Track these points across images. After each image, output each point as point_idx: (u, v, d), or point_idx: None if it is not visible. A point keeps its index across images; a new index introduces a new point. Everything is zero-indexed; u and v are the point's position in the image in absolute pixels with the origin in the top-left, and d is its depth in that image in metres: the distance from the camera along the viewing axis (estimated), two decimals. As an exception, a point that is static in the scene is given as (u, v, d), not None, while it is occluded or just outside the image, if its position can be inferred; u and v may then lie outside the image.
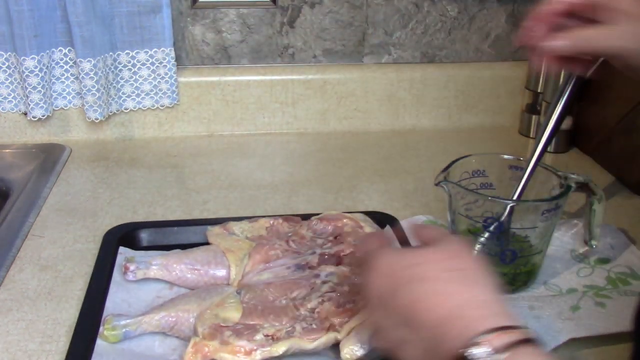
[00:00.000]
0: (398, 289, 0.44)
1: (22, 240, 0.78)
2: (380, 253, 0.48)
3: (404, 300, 0.43)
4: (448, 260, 0.45)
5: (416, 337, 0.42)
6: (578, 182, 0.66)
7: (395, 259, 0.47)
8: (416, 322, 0.42)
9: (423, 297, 0.43)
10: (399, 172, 1.00)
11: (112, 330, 0.59)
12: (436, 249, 0.47)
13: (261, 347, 0.55)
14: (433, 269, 0.44)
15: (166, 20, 1.03)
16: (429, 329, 0.41)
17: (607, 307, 0.66)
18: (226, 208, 0.88)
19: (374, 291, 0.47)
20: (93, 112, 1.02)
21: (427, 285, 0.43)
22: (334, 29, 1.12)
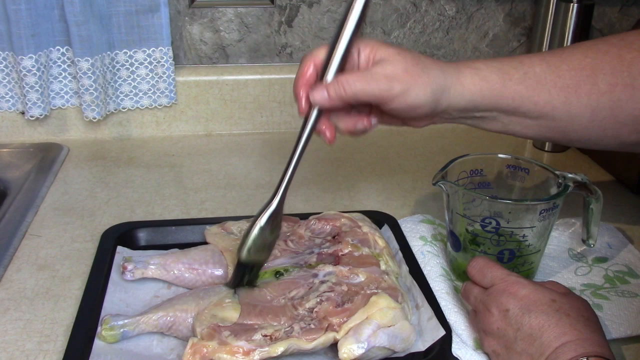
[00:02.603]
0: (534, 311, 0.54)
1: (19, 240, 0.78)
2: (522, 282, 0.57)
3: (537, 320, 0.53)
4: (578, 301, 0.56)
5: (531, 351, 0.53)
6: (576, 181, 0.66)
7: (536, 288, 0.56)
8: (539, 340, 0.52)
9: (554, 324, 0.53)
10: (397, 172, 1.00)
11: (110, 330, 0.59)
12: (569, 293, 0.57)
13: (260, 347, 0.55)
14: (568, 305, 0.54)
15: (164, 20, 1.03)
16: (548, 348, 0.51)
17: (604, 309, 0.66)
18: (224, 207, 0.88)
19: (509, 309, 0.55)
20: (91, 112, 1.02)
21: (558, 316, 0.53)
22: (332, 28, 1.12)
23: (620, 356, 0.62)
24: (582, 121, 0.61)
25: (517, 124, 0.63)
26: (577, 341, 0.51)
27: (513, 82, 0.60)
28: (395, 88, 0.58)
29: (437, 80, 0.59)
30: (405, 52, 0.60)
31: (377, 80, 0.58)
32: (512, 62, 0.61)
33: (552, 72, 0.60)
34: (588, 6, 1.01)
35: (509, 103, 0.61)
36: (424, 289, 0.66)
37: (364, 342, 0.57)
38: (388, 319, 0.58)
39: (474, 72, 0.60)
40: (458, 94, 0.60)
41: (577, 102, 0.60)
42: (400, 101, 0.59)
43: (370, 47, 0.60)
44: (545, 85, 0.60)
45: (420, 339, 0.61)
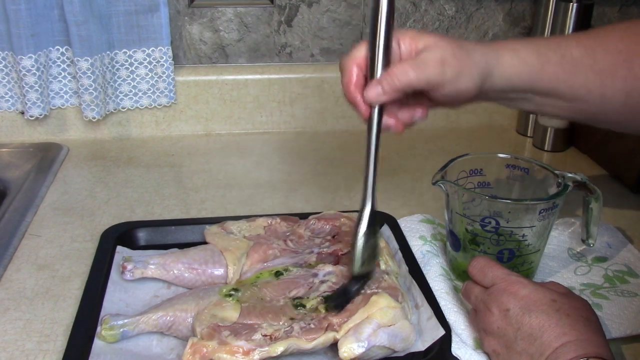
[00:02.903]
0: (534, 310, 0.54)
1: (19, 240, 0.78)
2: (523, 282, 0.57)
3: (537, 320, 0.53)
4: (578, 301, 0.56)
5: (531, 351, 0.53)
6: (575, 181, 0.66)
7: (536, 288, 0.56)
8: (539, 340, 0.52)
9: (555, 324, 0.53)
10: (397, 171, 1.00)
11: (109, 330, 0.59)
12: (569, 293, 0.58)
13: (259, 347, 0.55)
14: (568, 305, 0.54)
15: (163, 19, 1.03)
16: (548, 348, 0.52)
17: (604, 309, 0.66)
18: (224, 207, 0.88)
19: (510, 309, 0.55)
20: (90, 111, 1.02)
21: (558, 316, 0.53)
22: (332, 27, 1.12)
23: (620, 356, 0.62)
24: (615, 105, 0.61)
25: (550, 105, 0.63)
26: (577, 341, 0.51)
27: (550, 64, 0.60)
28: (448, 72, 0.57)
29: (481, 63, 0.59)
30: (445, 38, 0.59)
31: (429, 66, 0.57)
32: (550, 44, 0.61)
33: (588, 56, 0.60)
34: (587, 6, 1.01)
35: (546, 85, 0.61)
36: (423, 288, 0.66)
37: (364, 341, 0.57)
38: (388, 318, 0.58)
39: (513, 53, 0.60)
40: (499, 75, 0.60)
41: (612, 86, 0.60)
42: (452, 86, 0.58)
43: (410, 37, 0.59)
44: (581, 69, 0.60)
45: (420, 339, 0.61)
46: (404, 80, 0.57)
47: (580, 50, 0.61)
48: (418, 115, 0.63)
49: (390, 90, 0.58)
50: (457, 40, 0.60)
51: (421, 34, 0.59)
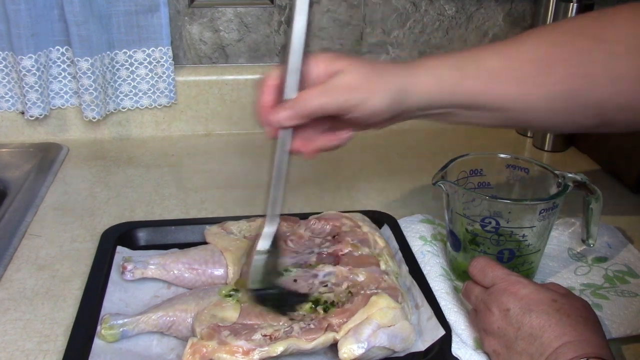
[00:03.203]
0: (534, 310, 0.54)
1: (19, 240, 0.78)
2: (523, 282, 0.57)
3: (538, 320, 0.53)
4: (578, 302, 0.56)
5: (531, 351, 0.53)
6: (575, 181, 0.66)
7: (537, 288, 0.56)
8: (539, 340, 0.53)
9: (555, 324, 0.53)
10: (397, 172, 1.00)
11: (109, 329, 0.59)
12: (569, 294, 0.58)
13: (259, 347, 0.55)
14: (568, 305, 0.54)
15: (163, 19, 1.03)
16: (548, 348, 0.52)
17: (604, 309, 0.66)
18: (224, 207, 0.88)
19: (510, 309, 0.55)
20: (90, 111, 1.02)
21: (558, 316, 0.53)
22: (332, 27, 1.12)
23: (620, 356, 0.62)
24: (539, 111, 0.61)
25: (475, 117, 0.64)
26: (577, 342, 0.51)
27: (468, 77, 0.61)
28: (356, 97, 0.58)
29: (394, 84, 0.59)
30: (359, 61, 0.60)
31: (337, 92, 0.58)
32: (467, 58, 0.62)
33: (506, 65, 0.61)
34: (587, 6, 1.01)
35: (465, 98, 0.61)
36: (423, 288, 0.66)
37: (364, 341, 0.57)
38: (388, 318, 0.58)
39: (429, 71, 0.61)
40: (415, 95, 0.60)
41: (532, 93, 0.60)
42: (362, 110, 0.59)
43: (325, 60, 0.60)
44: (500, 79, 0.60)
45: (420, 339, 0.61)
46: (311, 105, 0.58)
47: (498, 60, 0.61)
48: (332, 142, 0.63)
49: (297, 115, 0.58)
50: (372, 63, 0.60)
51: (336, 58, 0.60)
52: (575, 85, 0.60)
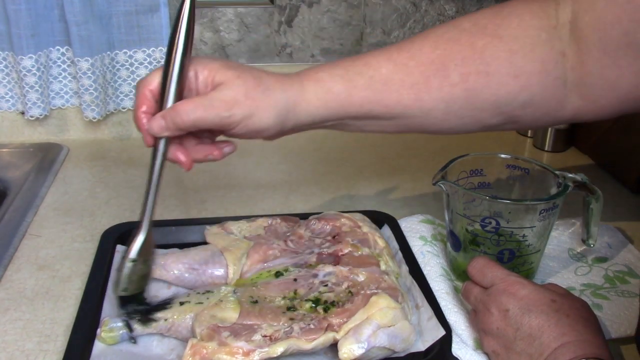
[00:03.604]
0: (533, 311, 0.54)
1: (19, 240, 0.78)
2: (522, 282, 0.57)
3: (537, 320, 0.53)
4: (577, 302, 0.56)
5: (530, 351, 0.53)
6: (576, 181, 0.66)
7: (536, 289, 0.56)
8: (538, 340, 0.52)
9: (554, 324, 0.53)
10: (397, 172, 1.00)
11: (109, 332, 0.59)
12: (568, 294, 0.57)
13: (259, 347, 0.55)
14: (567, 305, 0.54)
15: (164, 20, 1.03)
16: (547, 348, 0.52)
17: (604, 309, 0.66)
18: (224, 207, 0.88)
19: (509, 309, 0.55)
20: (91, 112, 1.02)
21: (557, 316, 0.53)
22: (332, 28, 1.12)
23: (620, 356, 0.62)
24: (438, 114, 0.61)
25: (372, 126, 0.63)
26: (576, 342, 0.51)
27: (358, 89, 0.59)
28: (237, 114, 0.56)
29: (280, 101, 0.57)
30: (245, 74, 0.57)
31: (216, 107, 0.55)
32: (357, 66, 0.60)
33: (399, 71, 0.59)
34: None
35: (358, 110, 0.60)
36: (423, 289, 0.66)
37: (364, 342, 0.57)
38: (388, 319, 0.58)
39: (317, 85, 0.59)
40: (303, 110, 0.59)
41: (428, 97, 0.59)
42: (243, 127, 0.57)
43: (209, 69, 0.57)
44: (393, 86, 0.59)
45: (420, 339, 0.61)
46: (187, 119, 0.55)
47: (389, 67, 0.59)
48: (212, 155, 0.61)
49: (173, 127, 0.56)
50: (259, 76, 0.58)
51: (220, 67, 0.57)
52: (475, 85, 0.59)
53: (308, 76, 0.59)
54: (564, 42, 0.58)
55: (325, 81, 0.59)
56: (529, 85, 0.59)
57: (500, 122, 0.62)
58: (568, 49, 0.58)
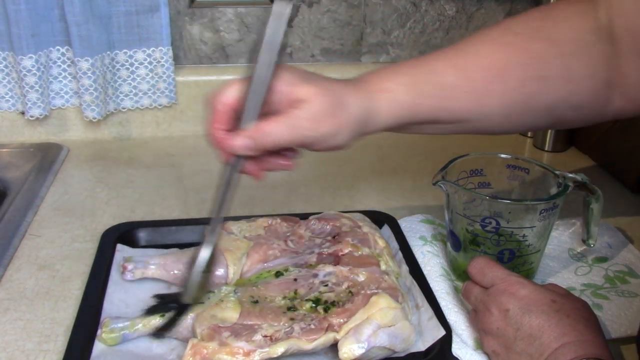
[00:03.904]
0: (534, 311, 0.54)
1: (19, 240, 0.78)
2: (522, 282, 0.57)
3: (537, 320, 0.53)
4: (578, 302, 0.56)
5: (531, 351, 0.53)
6: (576, 181, 0.66)
7: (536, 289, 0.56)
8: (539, 340, 0.52)
9: (554, 325, 0.53)
10: (397, 172, 1.00)
11: (110, 332, 0.59)
12: (569, 294, 0.57)
13: (260, 348, 0.55)
14: (568, 306, 0.54)
15: (164, 20, 1.03)
16: (548, 348, 0.52)
17: (604, 309, 0.66)
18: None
19: (509, 309, 0.55)
20: (91, 112, 1.02)
21: (558, 316, 0.53)
22: (332, 28, 1.12)
23: (620, 356, 0.62)
24: (497, 118, 0.61)
25: (432, 129, 0.63)
26: (576, 342, 0.51)
27: (425, 97, 0.59)
28: (322, 132, 0.55)
29: (358, 117, 0.57)
30: (324, 90, 0.55)
31: (303, 128, 0.54)
32: (422, 74, 0.60)
33: (461, 77, 0.59)
34: (588, 6, 1.00)
35: (425, 117, 0.61)
36: (424, 289, 0.66)
37: (364, 342, 0.57)
38: (388, 319, 0.58)
39: (386, 96, 0.58)
40: (374, 122, 0.59)
41: (489, 102, 0.60)
42: (324, 145, 0.56)
43: (288, 82, 0.54)
44: (457, 93, 0.60)
45: (420, 339, 0.61)
46: (274, 140, 0.54)
47: (453, 74, 0.59)
48: (285, 167, 0.60)
49: (257, 148, 0.54)
50: (336, 90, 0.56)
51: (301, 81, 0.55)
52: (531, 89, 0.59)
53: (374, 85, 0.59)
54: (607, 44, 0.59)
55: (392, 92, 0.59)
56: (580, 89, 0.59)
57: (549, 124, 0.63)
58: (609, 51, 0.59)
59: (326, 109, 0.55)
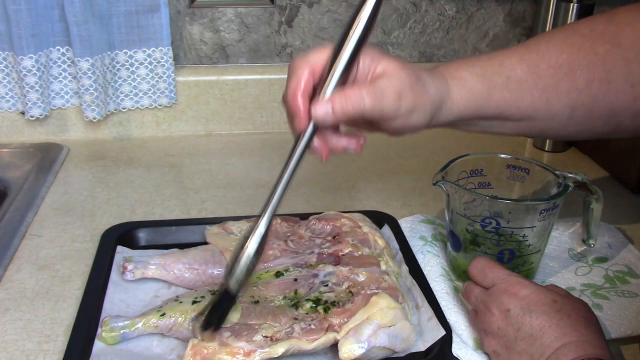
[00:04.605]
0: (535, 311, 0.54)
1: (19, 240, 0.78)
2: (523, 282, 0.57)
3: (538, 320, 0.53)
4: (578, 302, 0.56)
5: (531, 351, 0.53)
6: (576, 181, 0.66)
7: (537, 289, 0.56)
8: (540, 340, 0.53)
9: (555, 325, 0.53)
10: (397, 172, 1.00)
11: (110, 332, 0.59)
12: (569, 295, 0.57)
13: (260, 348, 0.55)
14: (568, 306, 0.55)
15: (164, 20, 1.03)
16: (548, 348, 0.52)
17: (604, 309, 0.67)
18: (224, 207, 0.88)
19: (510, 309, 0.55)
20: (91, 112, 1.02)
21: (559, 316, 0.53)
22: (332, 28, 1.12)
23: (620, 356, 0.62)
24: (561, 119, 0.61)
25: (497, 127, 0.63)
26: (577, 342, 0.51)
27: (497, 89, 0.59)
28: (403, 106, 0.54)
29: (434, 98, 0.57)
30: (405, 66, 0.56)
31: (386, 97, 0.53)
32: (494, 66, 0.60)
33: (532, 73, 0.60)
34: (588, 6, 1.01)
35: (493, 110, 0.60)
36: (424, 289, 0.66)
37: (365, 342, 0.57)
38: (388, 319, 0.58)
39: (460, 84, 0.59)
40: (448, 109, 0.59)
41: (557, 101, 0.60)
42: (403, 121, 0.56)
43: (370, 57, 0.55)
44: (527, 88, 0.60)
45: (420, 339, 0.61)
46: (358, 106, 0.53)
47: (523, 69, 0.60)
48: (353, 147, 0.58)
49: (340, 113, 0.53)
50: (415, 70, 0.56)
51: (382, 56, 0.56)
52: (597, 92, 0.59)
53: (450, 74, 0.59)
54: None
55: (467, 80, 0.59)
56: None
57: (608, 131, 0.63)
58: None
59: (407, 84, 0.55)
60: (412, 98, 0.55)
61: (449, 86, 0.58)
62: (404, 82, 0.54)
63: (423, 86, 0.56)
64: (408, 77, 0.55)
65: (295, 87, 0.54)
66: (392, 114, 0.55)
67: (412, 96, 0.55)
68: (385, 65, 0.55)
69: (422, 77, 0.56)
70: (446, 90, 0.58)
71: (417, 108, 0.55)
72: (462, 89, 0.58)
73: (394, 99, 0.54)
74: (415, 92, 0.55)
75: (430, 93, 0.56)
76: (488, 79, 0.59)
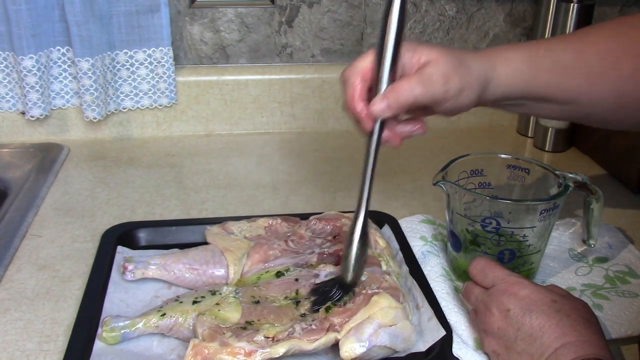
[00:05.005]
0: (534, 311, 0.54)
1: (20, 240, 0.78)
2: (523, 282, 0.57)
3: (538, 320, 0.53)
4: (578, 303, 0.56)
5: (531, 351, 0.53)
6: (576, 181, 0.66)
7: (537, 289, 0.56)
8: (539, 340, 0.53)
9: (555, 325, 0.53)
10: (398, 172, 1.00)
11: (110, 331, 0.59)
12: (569, 295, 0.57)
13: (261, 348, 0.55)
14: (568, 306, 0.55)
15: (164, 20, 1.03)
16: (548, 348, 0.52)
17: (604, 310, 0.67)
18: (224, 208, 0.88)
19: (510, 309, 0.55)
20: (91, 112, 1.02)
21: (558, 317, 0.53)
22: (332, 28, 1.12)
23: (620, 356, 0.62)
24: (606, 105, 0.62)
25: (543, 109, 0.65)
26: (577, 342, 0.51)
27: (543, 71, 0.61)
28: (451, 89, 0.58)
29: (480, 77, 0.60)
30: (447, 51, 0.59)
31: (434, 82, 0.58)
32: (540, 50, 0.62)
33: (579, 59, 0.61)
34: (588, 6, 1.01)
35: (539, 91, 0.62)
36: (424, 289, 0.66)
37: (365, 341, 0.57)
38: (389, 318, 0.58)
39: (506, 63, 0.61)
40: (495, 87, 0.61)
41: (601, 87, 0.61)
42: (453, 102, 0.59)
43: (412, 49, 0.59)
44: (573, 73, 0.61)
45: (420, 339, 0.61)
46: (410, 95, 0.57)
47: (570, 54, 0.62)
48: (417, 130, 0.63)
49: (395, 106, 0.58)
50: (457, 53, 0.60)
51: (423, 47, 0.59)
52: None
53: (496, 54, 0.62)
54: None
55: (513, 60, 0.61)
56: None
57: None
58: None
59: (451, 67, 0.58)
60: (458, 80, 0.58)
61: (495, 65, 0.61)
62: (448, 66, 0.58)
63: (467, 68, 0.59)
64: (451, 60, 0.58)
65: (352, 95, 0.60)
66: (442, 97, 0.58)
67: (458, 78, 0.58)
68: (428, 54, 0.59)
69: (464, 59, 0.60)
70: (492, 69, 0.60)
71: (465, 88, 0.59)
72: (507, 68, 0.61)
73: (441, 84, 0.58)
74: (461, 74, 0.58)
75: (474, 73, 0.59)
76: (534, 61, 0.61)
